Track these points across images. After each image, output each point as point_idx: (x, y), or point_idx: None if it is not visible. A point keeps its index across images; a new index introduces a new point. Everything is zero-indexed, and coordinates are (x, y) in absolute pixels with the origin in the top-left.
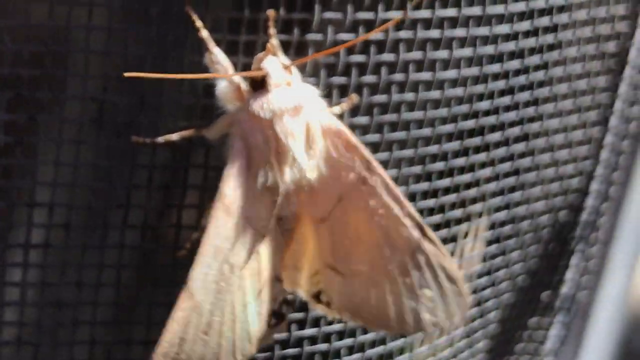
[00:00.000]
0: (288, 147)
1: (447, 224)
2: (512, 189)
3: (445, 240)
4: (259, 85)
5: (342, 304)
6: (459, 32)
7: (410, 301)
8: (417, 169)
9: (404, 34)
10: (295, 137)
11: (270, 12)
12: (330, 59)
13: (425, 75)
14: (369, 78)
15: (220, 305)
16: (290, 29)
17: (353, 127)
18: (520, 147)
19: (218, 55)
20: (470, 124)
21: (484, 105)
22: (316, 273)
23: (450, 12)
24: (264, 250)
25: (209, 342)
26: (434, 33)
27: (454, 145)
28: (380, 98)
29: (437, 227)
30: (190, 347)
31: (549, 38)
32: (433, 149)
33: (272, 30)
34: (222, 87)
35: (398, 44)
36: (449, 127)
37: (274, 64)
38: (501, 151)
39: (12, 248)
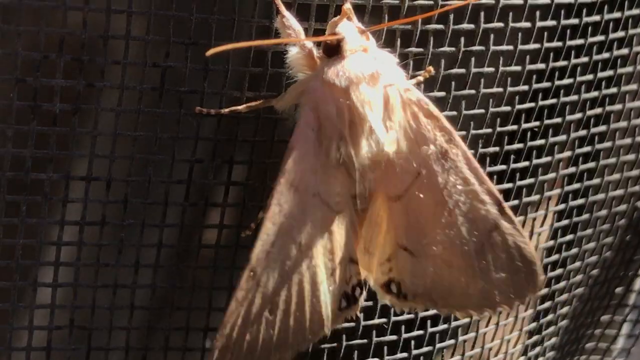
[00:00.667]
0: (365, 117)
1: (524, 209)
2: (591, 174)
3: None
4: (334, 51)
5: (413, 286)
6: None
7: (482, 282)
8: (494, 149)
9: (486, 1)
10: (373, 106)
11: None
12: (406, 27)
13: (507, 47)
14: (447, 48)
15: (287, 285)
16: None
17: None
18: (600, 129)
19: (289, 19)
20: (551, 101)
21: (567, 82)
22: (388, 260)
23: None
24: (339, 228)
25: (275, 323)
26: (517, 1)
27: (534, 124)
28: (459, 71)
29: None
30: (254, 328)
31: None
32: (512, 127)
33: None
34: (293, 54)
35: (479, 12)
36: (529, 105)
37: (350, 28)
38: (582, 133)
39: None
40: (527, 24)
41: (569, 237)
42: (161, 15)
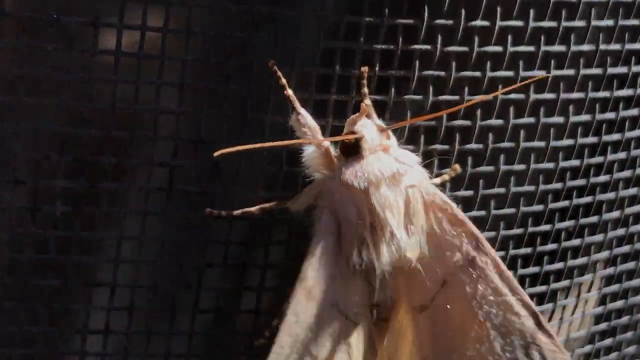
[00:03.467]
0: (385, 222)
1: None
2: (630, 275)
3: None
4: (352, 150)
5: None
6: (576, 94)
7: None
8: (526, 250)
9: (515, 96)
10: (394, 209)
11: (364, 69)
12: (430, 123)
13: (538, 144)
14: (474, 145)
15: None
16: (386, 88)
17: (455, 201)
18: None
19: (305, 117)
20: (587, 200)
21: (604, 179)
22: None
23: (569, 72)
24: (357, 342)
25: None
26: (549, 95)
27: (569, 224)
28: (487, 168)
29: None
30: None
31: None
32: (545, 227)
33: (365, 90)
34: (309, 153)
35: (508, 107)
36: (563, 203)
37: (370, 126)
38: (620, 232)
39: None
40: (560, 119)
41: (608, 341)
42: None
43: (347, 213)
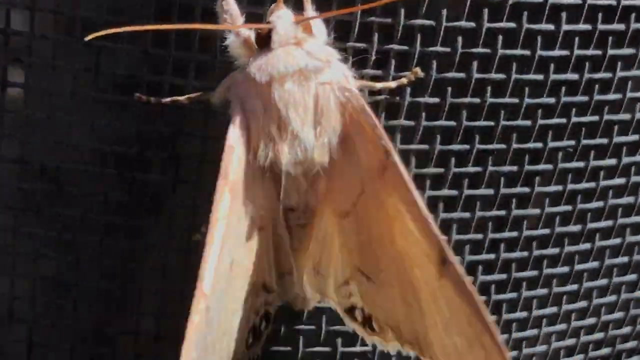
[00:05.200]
0: (288, 120)
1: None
2: None
3: None
4: (265, 42)
5: (380, 317)
6: None
7: (438, 329)
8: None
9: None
10: (299, 107)
11: None
12: (387, 19)
13: (519, 52)
14: (441, 48)
15: (222, 310)
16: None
17: (417, 109)
18: None
19: (229, 3)
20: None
21: None
22: (346, 282)
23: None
24: (257, 247)
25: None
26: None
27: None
28: (457, 75)
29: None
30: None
31: None
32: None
33: None
34: (230, 42)
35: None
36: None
37: (285, 17)
38: None
39: None
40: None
41: None
42: None
43: (253, 106)
